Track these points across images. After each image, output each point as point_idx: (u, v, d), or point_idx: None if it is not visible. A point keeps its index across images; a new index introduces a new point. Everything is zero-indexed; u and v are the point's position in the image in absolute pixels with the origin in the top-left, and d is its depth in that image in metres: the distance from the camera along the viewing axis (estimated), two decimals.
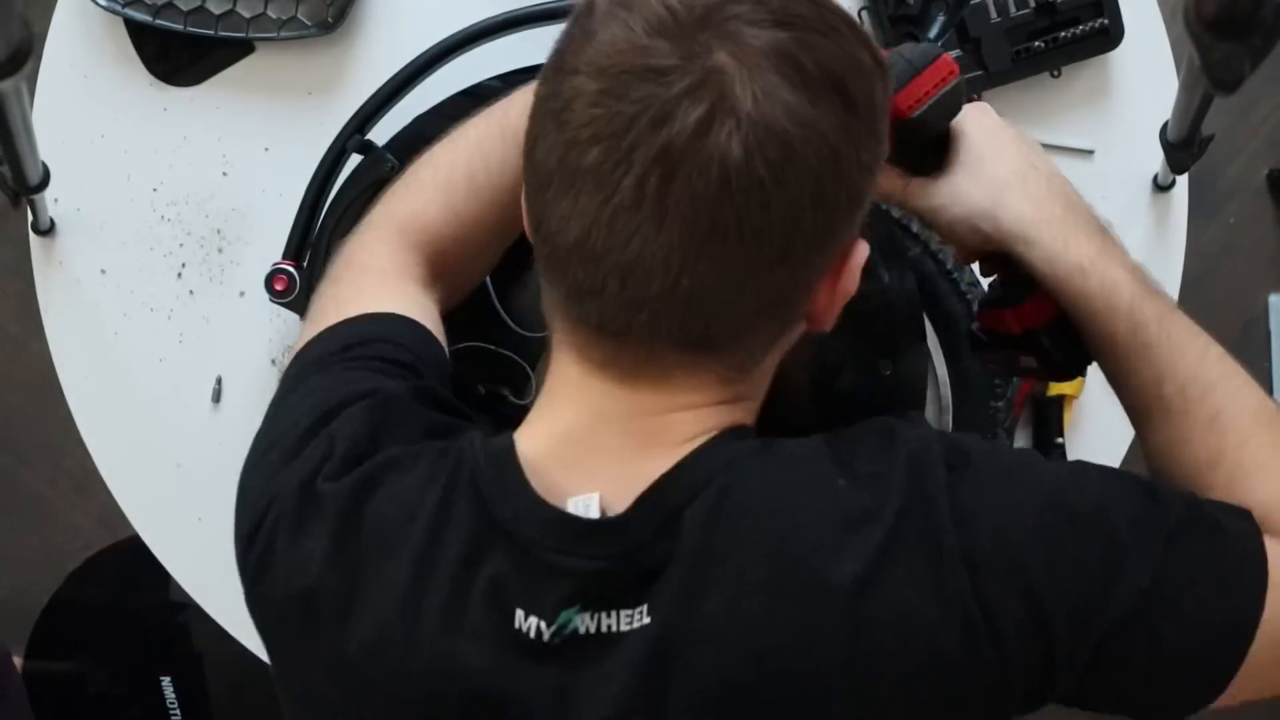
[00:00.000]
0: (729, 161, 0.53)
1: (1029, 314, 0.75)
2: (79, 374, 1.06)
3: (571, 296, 0.59)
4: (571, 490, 0.60)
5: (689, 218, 0.54)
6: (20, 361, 1.82)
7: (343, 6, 1.03)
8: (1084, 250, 0.70)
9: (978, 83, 1.05)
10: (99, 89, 1.06)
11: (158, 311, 1.07)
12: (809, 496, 0.59)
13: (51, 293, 1.07)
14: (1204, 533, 0.62)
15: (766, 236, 0.55)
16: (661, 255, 0.55)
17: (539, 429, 0.64)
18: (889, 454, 0.60)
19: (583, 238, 0.56)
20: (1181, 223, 1.09)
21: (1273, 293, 1.88)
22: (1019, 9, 1.03)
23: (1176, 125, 0.95)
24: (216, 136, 1.06)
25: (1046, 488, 0.61)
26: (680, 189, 0.53)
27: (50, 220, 1.06)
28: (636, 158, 0.53)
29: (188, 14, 1.03)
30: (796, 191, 0.55)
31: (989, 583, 0.57)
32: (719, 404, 0.62)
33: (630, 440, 0.61)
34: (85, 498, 1.82)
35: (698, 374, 0.61)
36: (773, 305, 0.59)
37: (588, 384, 0.61)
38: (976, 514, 0.58)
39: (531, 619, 0.58)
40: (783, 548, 0.57)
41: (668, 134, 0.53)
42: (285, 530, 0.63)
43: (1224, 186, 1.89)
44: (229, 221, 1.07)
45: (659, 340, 0.58)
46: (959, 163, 0.74)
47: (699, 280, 0.55)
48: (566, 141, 0.55)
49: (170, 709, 1.70)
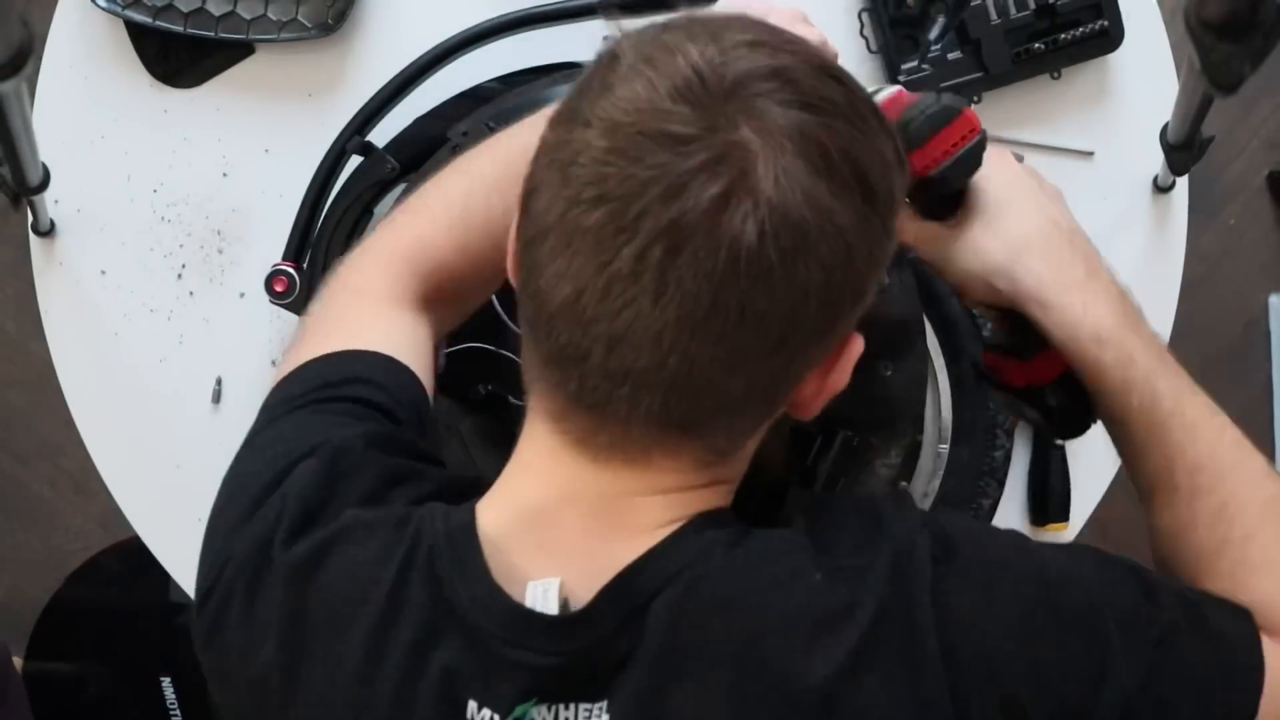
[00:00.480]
0: (741, 244, 0.50)
1: (1035, 371, 0.73)
2: (79, 374, 1.06)
3: (553, 360, 0.56)
4: (532, 574, 0.57)
5: (690, 296, 0.51)
6: (20, 362, 1.82)
7: (343, 8, 1.03)
8: (1103, 319, 0.68)
9: (978, 84, 1.05)
10: (99, 90, 1.06)
11: (158, 312, 1.07)
12: (782, 595, 0.56)
13: (51, 293, 1.07)
14: (1199, 635, 0.60)
15: (766, 324, 0.52)
16: (654, 330, 0.52)
17: (504, 502, 0.61)
18: (873, 545, 0.58)
19: (573, 300, 0.53)
20: (1181, 224, 1.09)
21: (1273, 293, 1.87)
22: (1019, 11, 1.03)
23: (1176, 126, 0.95)
24: (217, 138, 1.06)
25: (1035, 584, 0.59)
26: (685, 266, 0.50)
27: (50, 221, 1.06)
28: (643, 226, 0.50)
29: (188, 16, 1.03)
30: (804, 281, 0.52)
31: (968, 687, 0.55)
32: (695, 488, 0.59)
33: (597, 523, 0.58)
34: (85, 498, 1.82)
35: (675, 456, 0.58)
36: (761, 392, 0.56)
37: (559, 459, 0.58)
38: (960, 616, 0.56)
39: (485, 711, 0.56)
40: (751, 649, 0.55)
41: (680, 208, 0.50)
42: (239, 599, 0.61)
43: (1224, 188, 1.89)
44: (229, 222, 1.07)
45: (638, 417, 0.55)
46: (977, 215, 0.72)
47: (689, 361, 0.52)
48: (569, 197, 0.53)
49: (170, 709, 1.70)
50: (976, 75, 1.04)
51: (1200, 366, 0.69)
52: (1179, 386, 0.68)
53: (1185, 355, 0.72)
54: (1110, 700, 0.57)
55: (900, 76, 1.03)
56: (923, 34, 1.03)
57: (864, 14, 1.06)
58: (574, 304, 0.53)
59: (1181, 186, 1.08)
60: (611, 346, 0.53)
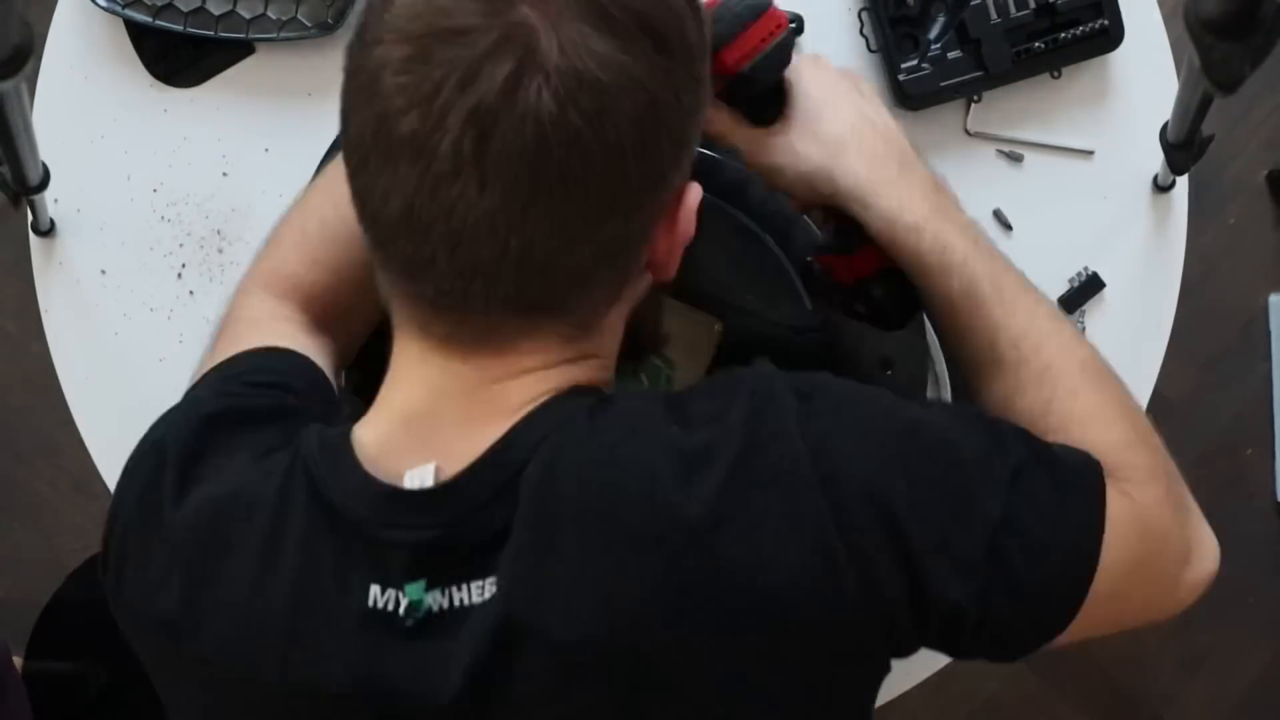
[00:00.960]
0: (542, 115, 0.52)
1: (860, 264, 0.76)
2: (79, 374, 1.06)
3: (404, 273, 0.58)
4: (409, 466, 0.59)
5: (509, 177, 0.53)
6: (20, 362, 1.82)
7: (342, 7, 1.03)
8: (919, 210, 0.71)
9: (978, 84, 1.05)
10: (99, 90, 1.07)
11: (158, 312, 1.07)
12: (644, 444, 0.57)
13: (51, 293, 1.07)
14: (1045, 467, 0.62)
15: (593, 189, 0.54)
16: (487, 219, 0.53)
17: (380, 414, 0.62)
18: (727, 394, 0.59)
19: (406, 211, 0.54)
20: (1181, 223, 1.09)
21: (1273, 293, 1.87)
22: (1019, 10, 1.03)
23: (1176, 126, 0.95)
24: (216, 137, 1.07)
25: (900, 417, 0.61)
26: (497, 148, 0.52)
27: (50, 221, 1.06)
28: (450, 122, 0.52)
29: (188, 15, 1.03)
30: (617, 140, 0.54)
31: (850, 511, 0.56)
32: (562, 364, 0.61)
33: (472, 412, 0.59)
34: (85, 498, 1.82)
35: (537, 337, 0.60)
36: (610, 258, 0.58)
37: (428, 361, 0.60)
38: (832, 443, 0.57)
39: (389, 593, 0.57)
40: (620, 497, 0.56)
41: (477, 95, 0.52)
42: (133, 549, 0.63)
43: (1224, 187, 1.89)
44: (229, 222, 1.07)
45: (496, 307, 0.57)
46: (795, 118, 0.74)
47: (528, 240, 0.54)
48: (379, 114, 0.54)
49: None
50: (976, 74, 1.04)
51: (1200, 366, 0.69)
52: (995, 267, 0.71)
53: (1185, 355, 0.73)
54: (978, 529, 0.59)
55: (900, 76, 1.03)
56: (922, 33, 1.03)
57: (864, 13, 1.06)
58: (408, 214, 0.54)
59: (1181, 186, 1.08)
60: (453, 246, 0.54)
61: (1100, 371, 0.71)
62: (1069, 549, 0.61)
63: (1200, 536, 0.68)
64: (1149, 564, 0.65)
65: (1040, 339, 0.70)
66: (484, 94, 0.52)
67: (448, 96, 0.52)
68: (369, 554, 0.58)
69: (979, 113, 1.07)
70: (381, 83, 0.54)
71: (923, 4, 1.03)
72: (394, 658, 0.57)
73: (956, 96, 1.05)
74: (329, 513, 0.59)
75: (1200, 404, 1.84)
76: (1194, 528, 0.68)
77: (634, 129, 0.54)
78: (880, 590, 0.57)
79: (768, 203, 0.90)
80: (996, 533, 0.59)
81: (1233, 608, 1.86)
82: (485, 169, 0.53)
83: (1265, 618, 1.86)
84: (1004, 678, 1.81)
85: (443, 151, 0.53)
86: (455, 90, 0.52)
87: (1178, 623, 2.00)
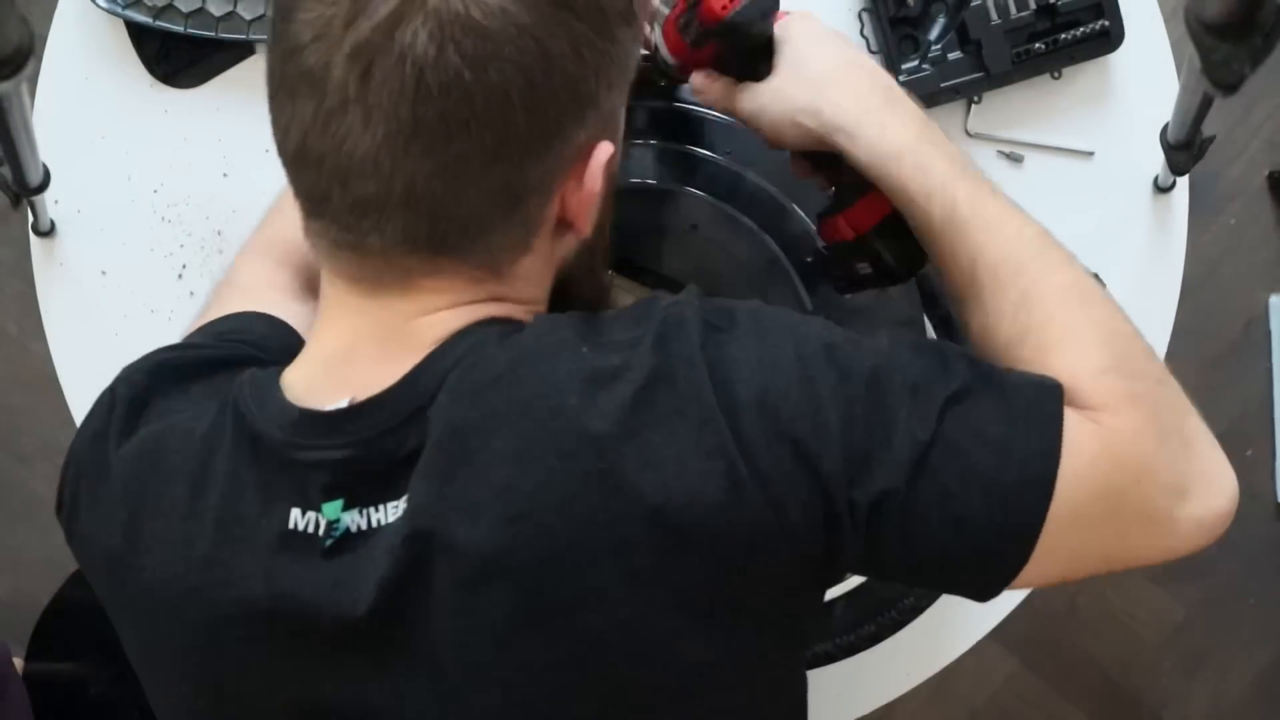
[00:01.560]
0: (419, 55, 0.53)
1: (860, 216, 0.75)
2: (79, 375, 1.06)
3: (309, 211, 0.60)
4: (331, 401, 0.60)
5: (390, 115, 0.54)
6: (20, 362, 1.82)
7: None
8: (900, 137, 0.70)
9: (978, 84, 1.05)
10: (100, 90, 1.07)
11: (158, 313, 1.07)
12: (550, 363, 0.58)
13: (52, 294, 1.07)
14: (994, 394, 0.60)
15: (474, 132, 0.55)
16: (372, 156, 0.55)
17: (305, 357, 0.65)
18: (642, 321, 0.60)
19: (302, 143, 0.57)
20: (1182, 224, 1.09)
21: (1273, 293, 1.88)
22: (1019, 11, 1.03)
23: (1177, 127, 0.95)
24: (217, 138, 1.07)
25: (819, 346, 0.59)
26: (378, 86, 0.54)
27: (51, 221, 1.06)
28: (336, 58, 0.54)
29: (188, 16, 1.03)
30: (501, 86, 0.54)
31: (752, 434, 0.56)
32: (472, 303, 0.62)
33: (387, 348, 0.61)
34: None
35: (441, 277, 0.61)
36: (503, 205, 0.59)
37: (344, 302, 0.62)
38: (738, 367, 0.58)
39: (309, 515, 0.59)
40: (528, 410, 0.56)
41: (359, 31, 0.53)
42: (84, 489, 0.66)
43: (1224, 188, 1.89)
44: (229, 223, 1.07)
45: (389, 244, 0.58)
46: (782, 65, 0.75)
47: (410, 179, 0.56)
48: (287, 49, 0.56)
49: None
50: (977, 75, 1.04)
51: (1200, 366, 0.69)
52: (978, 191, 0.70)
53: (1185, 355, 0.73)
54: (901, 448, 0.57)
55: (900, 77, 1.03)
56: (923, 34, 1.03)
57: (864, 14, 1.06)
58: (303, 147, 0.57)
59: (1182, 186, 1.08)
60: (344, 181, 0.56)
61: (1085, 295, 0.67)
62: (1017, 476, 0.58)
63: (1205, 470, 0.63)
64: (1124, 496, 0.60)
65: (1020, 263, 0.67)
66: (368, 31, 0.53)
67: (337, 31, 0.54)
68: (289, 478, 0.60)
69: (979, 114, 1.07)
70: (291, 21, 0.56)
71: (923, 5, 1.03)
72: (312, 575, 0.58)
73: (957, 97, 1.05)
74: (254, 442, 0.61)
75: (1200, 404, 1.84)
76: (1194, 460, 0.63)
77: (520, 76, 0.55)
78: (792, 514, 0.56)
79: (759, 195, 0.90)
80: (926, 451, 0.57)
81: (1233, 608, 1.86)
82: (368, 105, 0.54)
83: (1265, 618, 1.86)
84: (1004, 678, 1.81)
85: (333, 85, 0.54)
86: (342, 26, 0.54)
87: (1178, 623, 2.01)
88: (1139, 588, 1.86)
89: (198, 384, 0.67)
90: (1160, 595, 1.85)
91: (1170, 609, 1.86)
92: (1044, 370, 0.64)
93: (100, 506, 0.65)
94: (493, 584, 0.56)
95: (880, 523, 0.58)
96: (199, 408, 0.64)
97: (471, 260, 0.61)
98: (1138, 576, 1.85)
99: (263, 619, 0.59)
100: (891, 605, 0.96)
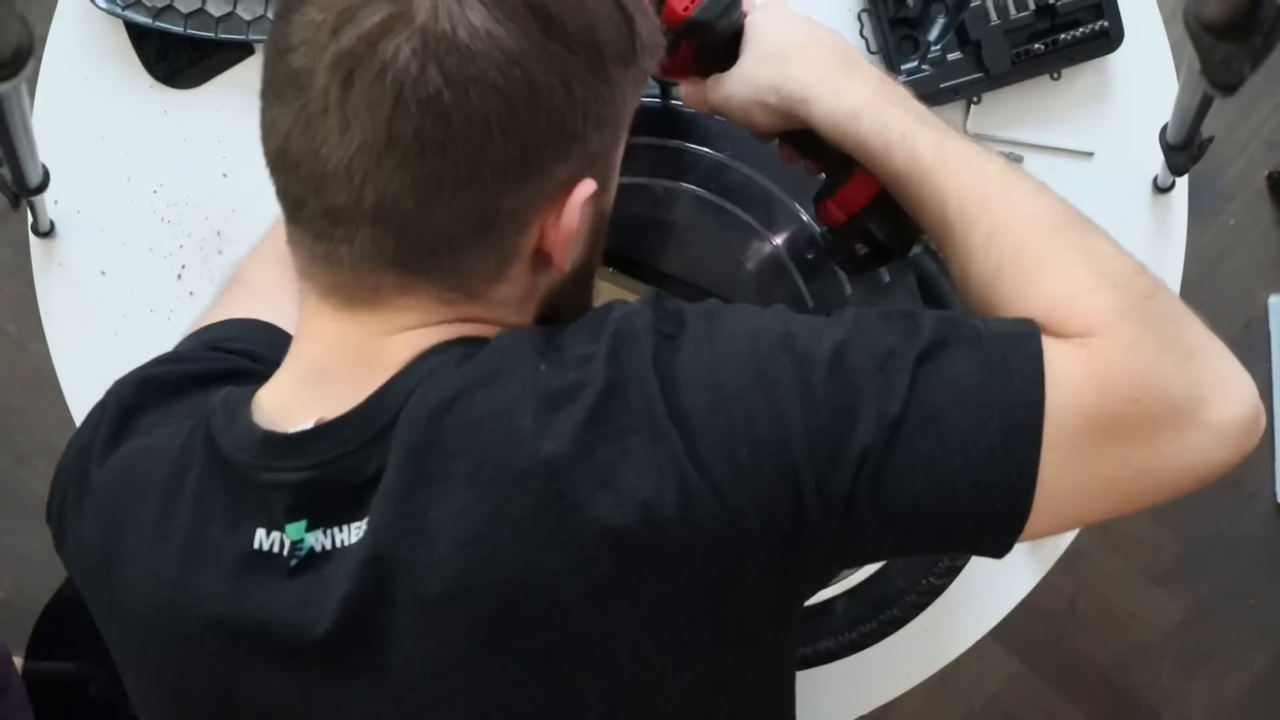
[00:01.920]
0: (400, 69, 0.53)
1: (849, 197, 0.76)
2: (79, 375, 1.06)
3: (288, 215, 0.60)
4: (300, 421, 0.60)
5: (367, 126, 0.54)
6: (20, 362, 1.82)
7: None
8: (858, 95, 0.71)
9: (978, 85, 1.05)
10: (99, 91, 1.07)
11: (158, 313, 1.07)
12: (504, 384, 0.57)
13: (51, 294, 1.07)
14: (966, 345, 0.58)
15: (449, 153, 0.55)
16: (345, 164, 0.55)
17: (281, 373, 0.64)
18: (596, 334, 0.59)
19: (283, 146, 0.57)
20: (1181, 224, 1.09)
21: (1273, 293, 1.88)
22: (1019, 11, 1.03)
23: (1176, 127, 0.95)
24: (216, 138, 1.07)
25: (774, 335, 0.58)
26: (358, 95, 0.54)
27: (50, 222, 1.06)
28: (320, 63, 0.54)
29: (188, 16, 1.03)
30: (481, 110, 0.54)
31: (706, 443, 0.55)
32: (442, 323, 0.61)
33: (357, 368, 0.61)
34: None
35: (410, 295, 0.60)
36: (477, 230, 0.58)
37: (321, 317, 0.62)
38: (688, 373, 0.56)
39: (274, 535, 0.59)
40: (481, 433, 0.56)
41: (344, 39, 0.54)
42: (71, 502, 0.66)
43: (1224, 188, 1.89)
44: (229, 223, 1.07)
45: (358, 257, 0.58)
46: (746, 50, 0.76)
47: (381, 192, 0.55)
48: (278, 50, 0.57)
49: None
50: (976, 76, 1.04)
51: None
52: (940, 137, 0.69)
53: None
54: (870, 426, 0.56)
55: (900, 77, 1.03)
56: (922, 34, 1.03)
57: (864, 14, 1.06)
58: (284, 150, 0.57)
59: (1181, 187, 1.08)
60: (318, 187, 0.56)
61: (1058, 220, 0.65)
62: (999, 427, 0.56)
63: (1218, 376, 0.59)
64: (1120, 420, 0.57)
65: (986, 199, 0.66)
66: (354, 40, 0.54)
67: (324, 38, 0.54)
68: (255, 499, 0.60)
69: (979, 114, 1.07)
70: (287, 24, 0.56)
71: (923, 5, 1.03)
72: (278, 594, 0.59)
73: (956, 98, 1.05)
74: (222, 463, 0.61)
75: None
76: (1203, 368, 0.59)
77: (502, 102, 0.55)
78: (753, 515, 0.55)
79: (759, 191, 0.90)
80: (898, 423, 0.56)
81: (1233, 608, 1.86)
82: (346, 115, 0.54)
83: (1265, 618, 1.86)
84: (1004, 678, 1.81)
85: (315, 92, 0.55)
86: (330, 32, 0.54)
87: (1178, 623, 2.00)
88: (1139, 588, 1.86)
89: (182, 400, 0.67)
90: (1160, 595, 1.85)
91: (1170, 609, 1.86)
92: (1023, 302, 0.62)
93: (83, 520, 0.65)
94: (452, 605, 0.55)
95: (859, 510, 0.56)
96: (178, 425, 0.65)
97: (441, 282, 0.60)
98: (1138, 576, 1.86)
99: (230, 637, 0.60)
100: (893, 603, 0.96)
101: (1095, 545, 1.81)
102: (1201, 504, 1.88)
